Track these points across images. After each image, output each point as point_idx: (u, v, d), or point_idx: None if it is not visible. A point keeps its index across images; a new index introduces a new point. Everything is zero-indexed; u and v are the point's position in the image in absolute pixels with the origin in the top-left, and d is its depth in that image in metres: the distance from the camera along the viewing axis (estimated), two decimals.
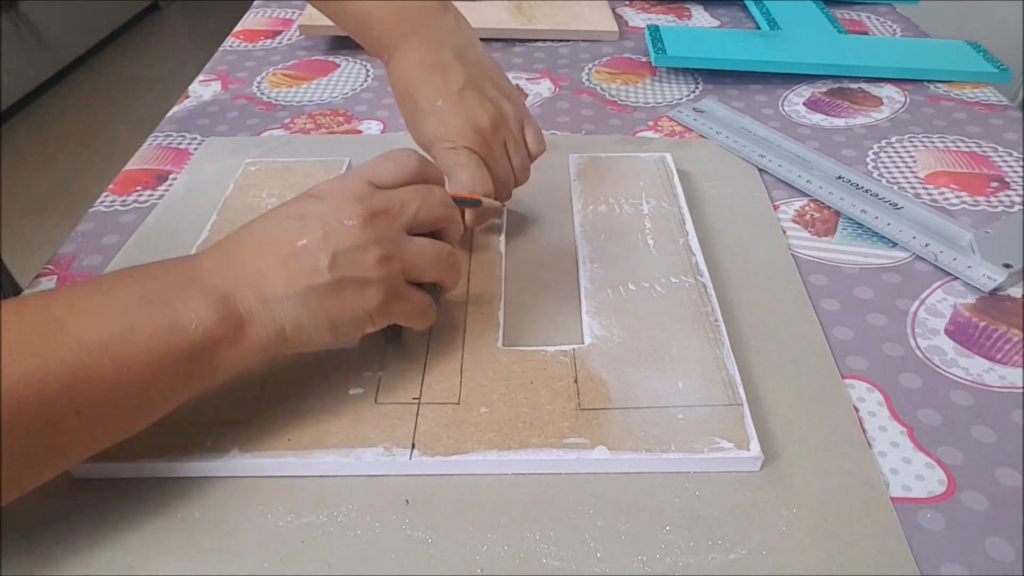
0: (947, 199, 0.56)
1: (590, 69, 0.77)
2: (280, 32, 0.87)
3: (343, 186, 0.38)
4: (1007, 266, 0.48)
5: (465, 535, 0.35)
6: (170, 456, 0.37)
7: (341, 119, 0.69)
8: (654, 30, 0.79)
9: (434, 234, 0.41)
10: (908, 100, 0.70)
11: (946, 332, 0.45)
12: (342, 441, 0.38)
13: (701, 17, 0.88)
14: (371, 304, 0.36)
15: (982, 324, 0.46)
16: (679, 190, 0.55)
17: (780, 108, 0.69)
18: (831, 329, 0.45)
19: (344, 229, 0.36)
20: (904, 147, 0.63)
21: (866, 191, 0.56)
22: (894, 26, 0.85)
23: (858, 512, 0.35)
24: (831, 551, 0.34)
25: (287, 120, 0.69)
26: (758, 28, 0.83)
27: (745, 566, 0.33)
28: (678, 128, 0.66)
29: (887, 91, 0.71)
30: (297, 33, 0.85)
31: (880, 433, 0.39)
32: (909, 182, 0.58)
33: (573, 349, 0.42)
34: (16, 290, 0.50)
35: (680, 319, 0.44)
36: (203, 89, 0.75)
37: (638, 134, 0.66)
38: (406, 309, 0.39)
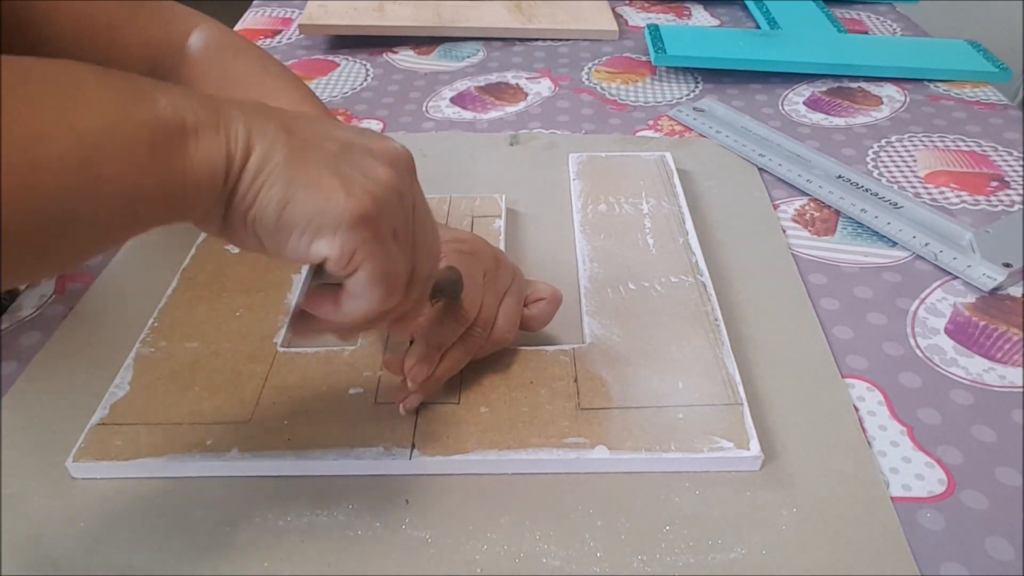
0: (947, 198, 0.56)
1: (590, 68, 0.77)
2: (280, 31, 0.87)
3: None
4: (1007, 265, 0.48)
5: (465, 535, 0.35)
6: (170, 456, 0.37)
7: (341, 118, 0.68)
8: (654, 29, 0.79)
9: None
10: (908, 99, 0.70)
11: (946, 331, 0.45)
12: (342, 441, 0.38)
13: (701, 16, 0.88)
14: (370, 180, 0.29)
15: (982, 323, 0.46)
16: (679, 189, 0.55)
17: (780, 107, 0.69)
18: (831, 329, 0.45)
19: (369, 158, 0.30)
20: (904, 146, 0.63)
21: (866, 190, 0.56)
22: (894, 25, 0.85)
23: (858, 512, 0.35)
24: (831, 551, 0.34)
25: None
26: (758, 28, 0.83)
27: (745, 566, 0.33)
28: (678, 127, 0.66)
29: (887, 90, 0.71)
30: (297, 32, 0.85)
31: (880, 432, 0.39)
32: (909, 181, 0.58)
33: (573, 349, 0.42)
34: (13, 293, 0.50)
35: (680, 319, 0.44)
36: None
37: (638, 133, 0.66)
38: (385, 255, 0.29)
